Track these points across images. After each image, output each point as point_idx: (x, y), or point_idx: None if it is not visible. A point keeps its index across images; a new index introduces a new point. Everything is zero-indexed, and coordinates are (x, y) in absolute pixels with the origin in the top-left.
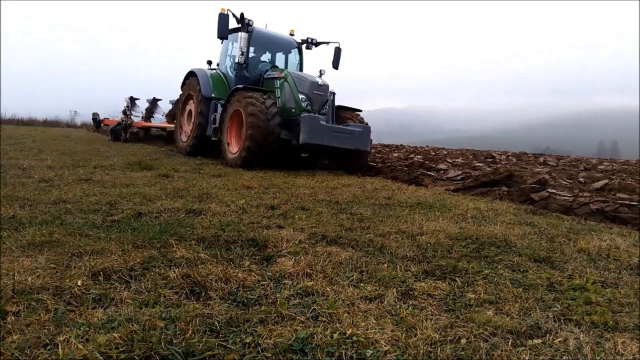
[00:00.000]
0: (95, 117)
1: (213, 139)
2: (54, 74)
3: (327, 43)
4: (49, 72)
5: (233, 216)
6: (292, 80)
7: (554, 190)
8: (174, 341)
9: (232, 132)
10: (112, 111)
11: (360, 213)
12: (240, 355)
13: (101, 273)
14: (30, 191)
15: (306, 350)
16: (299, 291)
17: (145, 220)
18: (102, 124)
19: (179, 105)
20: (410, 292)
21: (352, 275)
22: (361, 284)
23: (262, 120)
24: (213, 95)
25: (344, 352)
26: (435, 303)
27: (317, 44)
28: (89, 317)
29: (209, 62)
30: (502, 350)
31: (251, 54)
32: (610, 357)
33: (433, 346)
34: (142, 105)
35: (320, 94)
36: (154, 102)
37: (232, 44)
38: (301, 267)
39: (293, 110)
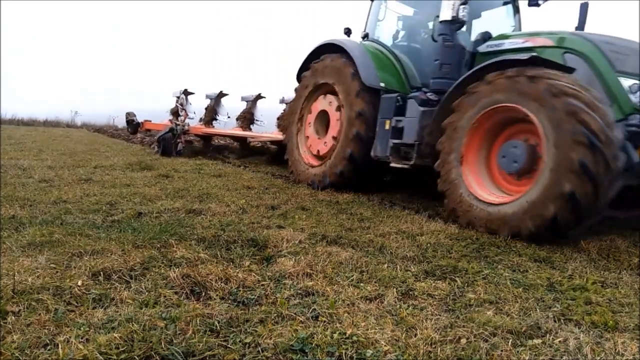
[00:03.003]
0: (130, 118)
1: (395, 164)
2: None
3: None
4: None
5: (233, 216)
6: (600, 54)
7: None
8: (174, 341)
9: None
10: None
11: (360, 213)
12: (241, 355)
13: (101, 273)
14: (30, 191)
15: (306, 350)
16: (299, 291)
17: (146, 220)
18: (140, 128)
19: (297, 105)
20: (410, 292)
21: (352, 275)
22: (361, 284)
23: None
24: (382, 84)
25: (344, 352)
26: (435, 303)
27: None
28: (89, 317)
29: (348, 32)
30: (502, 350)
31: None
32: (610, 357)
33: (433, 346)
34: (195, 102)
35: None
36: (218, 99)
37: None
38: (301, 267)
39: None
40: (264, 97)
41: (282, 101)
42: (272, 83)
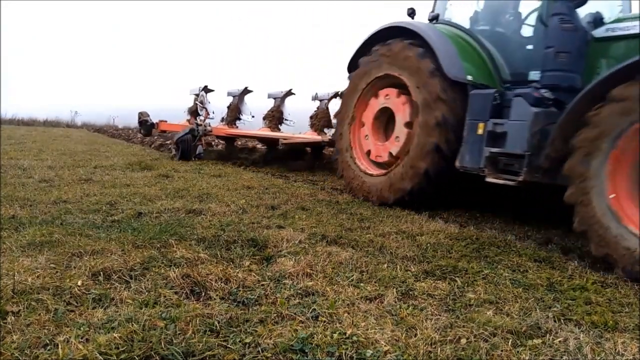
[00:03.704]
0: (144, 118)
1: (492, 179)
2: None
3: None
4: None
5: (233, 216)
6: None
7: None
8: (174, 341)
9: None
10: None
11: (360, 213)
12: (240, 355)
13: (101, 273)
14: (30, 191)
15: (306, 350)
16: (299, 291)
17: (145, 220)
18: (154, 129)
19: (350, 100)
20: (410, 292)
21: (352, 275)
22: (361, 284)
23: None
24: (469, 77)
25: (344, 352)
26: (435, 303)
27: None
28: (89, 317)
29: (412, 13)
30: (502, 350)
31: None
32: (610, 357)
33: (433, 346)
34: (215, 100)
35: None
36: (242, 96)
37: None
38: (301, 267)
39: None
40: (294, 94)
41: (314, 98)
42: (272, 83)
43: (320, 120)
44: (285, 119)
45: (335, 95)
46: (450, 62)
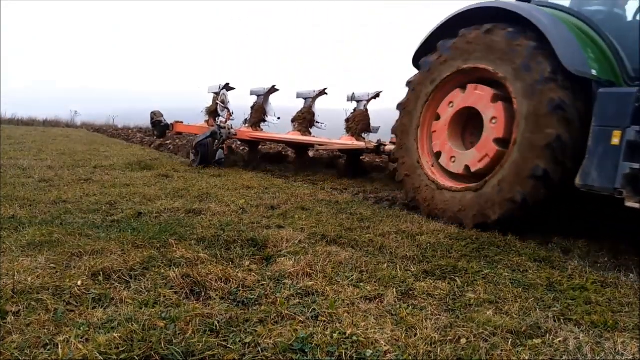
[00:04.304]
0: (157, 119)
1: (633, 203)
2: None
3: None
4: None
5: (233, 216)
6: None
7: None
8: (174, 341)
9: None
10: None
11: (360, 213)
12: (240, 355)
13: (101, 273)
14: (30, 191)
15: (306, 350)
16: (299, 291)
17: (145, 220)
18: (169, 131)
19: (418, 99)
20: (410, 292)
21: (352, 275)
22: (361, 284)
23: None
24: (593, 72)
25: (344, 352)
26: (435, 303)
27: None
28: (89, 317)
29: None
30: (502, 350)
31: None
32: (610, 357)
33: (433, 346)
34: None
35: None
36: (267, 96)
37: None
38: (301, 267)
39: None
40: (327, 94)
41: (351, 99)
42: (271, 81)
43: (358, 123)
44: (317, 122)
45: (376, 95)
46: (570, 52)
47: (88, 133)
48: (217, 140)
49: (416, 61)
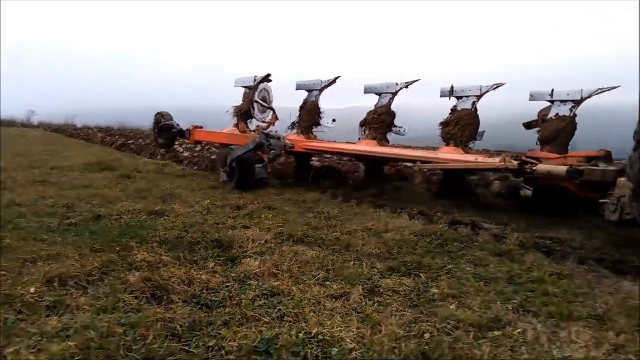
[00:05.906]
0: (165, 122)
1: None
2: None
3: None
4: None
5: (197, 217)
6: None
7: None
8: (134, 348)
9: None
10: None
11: (327, 212)
12: (204, 359)
13: (56, 279)
14: None
15: (271, 352)
16: (264, 292)
17: (105, 223)
18: (187, 139)
19: None
20: (376, 289)
21: (319, 274)
22: (327, 283)
23: None
24: None
25: (309, 351)
26: (400, 299)
27: None
28: (42, 326)
29: None
30: (464, 344)
31: None
32: (566, 346)
33: (398, 342)
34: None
35: None
36: (319, 92)
37: None
38: (267, 267)
39: None
40: (407, 87)
41: (449, 94)
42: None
43: (464, 128)
44: (396, 126)
45: (496, 87)
46: None
47: (45, 133)
48: (265, 155)
49: None
